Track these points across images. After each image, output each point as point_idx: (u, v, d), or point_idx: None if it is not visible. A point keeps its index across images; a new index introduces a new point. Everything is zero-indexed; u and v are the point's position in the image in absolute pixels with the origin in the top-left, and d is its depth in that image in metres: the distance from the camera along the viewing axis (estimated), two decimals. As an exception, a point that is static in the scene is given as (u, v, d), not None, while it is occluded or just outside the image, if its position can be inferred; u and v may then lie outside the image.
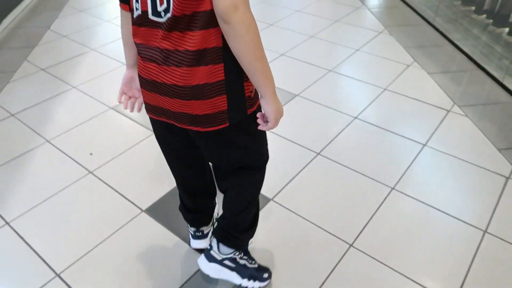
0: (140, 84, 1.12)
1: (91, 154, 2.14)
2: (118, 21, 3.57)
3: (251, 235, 1.41)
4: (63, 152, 2.15)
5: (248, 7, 0.90)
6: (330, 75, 2.79)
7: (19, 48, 3.21)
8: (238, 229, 1.35)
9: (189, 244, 1.62)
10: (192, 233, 1.56)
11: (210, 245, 1.39)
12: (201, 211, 1.50)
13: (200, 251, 1.56)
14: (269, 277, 1.46)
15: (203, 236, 1.55)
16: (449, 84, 2.66)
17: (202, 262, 1.38)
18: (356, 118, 2.36)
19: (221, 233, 1.36)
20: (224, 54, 0.98)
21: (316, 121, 2.36)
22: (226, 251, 1.37)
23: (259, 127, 1.10)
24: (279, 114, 1.07)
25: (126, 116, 2.41)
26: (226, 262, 1.37)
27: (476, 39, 3.21)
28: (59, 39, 3.33)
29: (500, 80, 2.65)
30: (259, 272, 1.44)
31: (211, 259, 1.37)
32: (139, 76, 1.11)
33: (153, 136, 1.40)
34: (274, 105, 1.05)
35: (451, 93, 2.55)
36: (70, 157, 2.11)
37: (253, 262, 1.45)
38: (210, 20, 0.93)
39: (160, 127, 1.23)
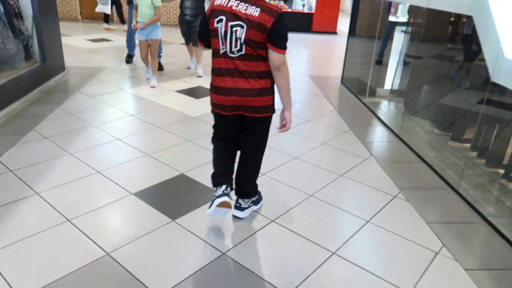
0: (218, 92, 2.09)
1: None
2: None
3: (257, 187, 2.45)
4: None
5: (286, 64, 2.04)
6: (330, 256, 2.09)
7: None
8: (251, 184, 2.40)
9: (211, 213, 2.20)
10: (221, 192, 2.21)
11: (238, 202, 2.39)
12: (228, 174, 2.30)
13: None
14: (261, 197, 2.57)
15: (227, 194, 2.21)
16: (498, 293, 1.94)
17: (238, 213, 2.38)
18: None
19: (242, 193, 2.38)
20: (270, 75, 2.08)
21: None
22: (247, 200, 2.40)
23: (280, 131, 2.24)
24: (291, 119, 2.23)
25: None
26: (250, 204, 2.41)
27: (514, 217, 2.59)
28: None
29: None
30: (258, 199, 2.51)
31: (242, 209, 2.39)
32: (218, 87, 2.09)
33: None
34: (291, 114, 2.20)
35: (504, 311, 1.82)
36: None
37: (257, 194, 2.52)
38: (265, 59, 2.03)
39: (227, 119, 2.17)
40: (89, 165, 2.93)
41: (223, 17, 1.96)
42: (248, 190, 2.40)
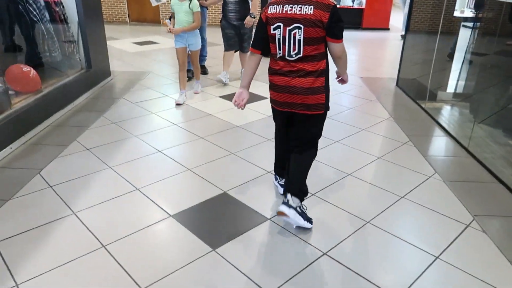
0: (275, 89, 2.24)
1: None
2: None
3: (307, 190, 2.38)
4: None
5: (345, 50, 2.16)
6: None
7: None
8: (301, 182, 2.32)
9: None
10: (283, 183, 2.50)
11: (287, 198, 2.24)
12: (284, 166, 2.47)
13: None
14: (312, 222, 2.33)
15: (286, 203, 2.24)
16: None
17: (285, 208, 2.19)
18: None
19: (293, 191, 2.25)
20: (325, 73, 2.16)
21: None
22: (296, 201, 2.24)
23: (340, 83, 2.45)
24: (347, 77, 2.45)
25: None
26: (297, 208, 2.23)
27: None
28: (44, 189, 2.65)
29: None
30: (309, 218, 2.32)
31: (290, 206, 2.21)
32: (275, 85, 2.22)
33: None
34: (347, 75, 2.41)
35: None
36: None
37: (306, 211, 2.36)
38: (321, 57, 2.13)
39: (282, 114, 2.33)
40: (128, 181, 2.79)
41: (281, 24, 2.07)
42: (295, 192, 2.28)
